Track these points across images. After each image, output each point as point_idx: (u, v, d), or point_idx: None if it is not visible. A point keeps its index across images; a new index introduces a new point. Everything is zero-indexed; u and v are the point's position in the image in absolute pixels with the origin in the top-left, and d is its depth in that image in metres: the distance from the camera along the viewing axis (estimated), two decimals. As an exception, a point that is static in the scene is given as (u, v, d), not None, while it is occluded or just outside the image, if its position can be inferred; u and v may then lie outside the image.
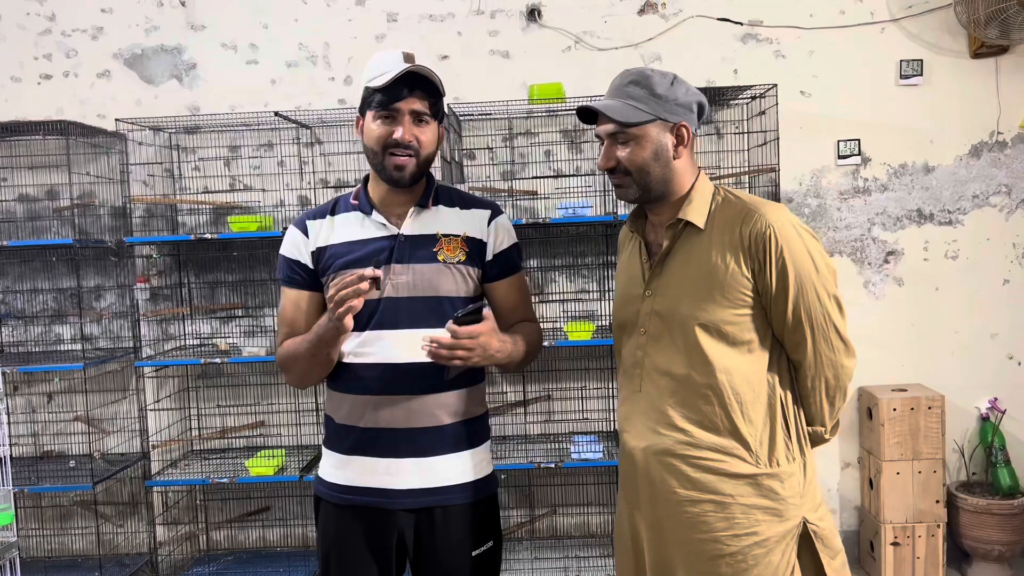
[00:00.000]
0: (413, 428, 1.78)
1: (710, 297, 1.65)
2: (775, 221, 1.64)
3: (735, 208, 1.69)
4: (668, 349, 1.71)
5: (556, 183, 3.78)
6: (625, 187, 1.72)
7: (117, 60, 3.86)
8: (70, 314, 3.84)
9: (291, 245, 1.88)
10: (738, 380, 1.67)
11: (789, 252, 1.63)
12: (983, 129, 3.73)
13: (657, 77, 1.69)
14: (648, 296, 1.75)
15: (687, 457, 1.68)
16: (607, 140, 1.71)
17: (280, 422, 3.86)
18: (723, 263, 1.65)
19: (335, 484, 1.85)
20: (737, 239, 1.65)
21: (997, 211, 3.76)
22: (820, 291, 1.66)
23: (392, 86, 1.72)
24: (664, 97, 1.68)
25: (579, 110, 1.75)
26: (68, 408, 3.88)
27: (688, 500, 1.67)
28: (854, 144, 3.75)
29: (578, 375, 3.82)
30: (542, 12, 3.77)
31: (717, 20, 3.74)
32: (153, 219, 3.84)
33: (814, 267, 1.66)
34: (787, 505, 1.67)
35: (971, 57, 3.71)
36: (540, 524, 3.86)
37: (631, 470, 1.78)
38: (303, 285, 1.86)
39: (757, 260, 1.64)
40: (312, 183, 3.82)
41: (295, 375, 1.87)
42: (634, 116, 1.66)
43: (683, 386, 1.69)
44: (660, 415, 1.71)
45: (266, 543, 3.93)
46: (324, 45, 3.83)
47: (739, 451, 1.67)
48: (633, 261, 1.82)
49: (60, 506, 3.91)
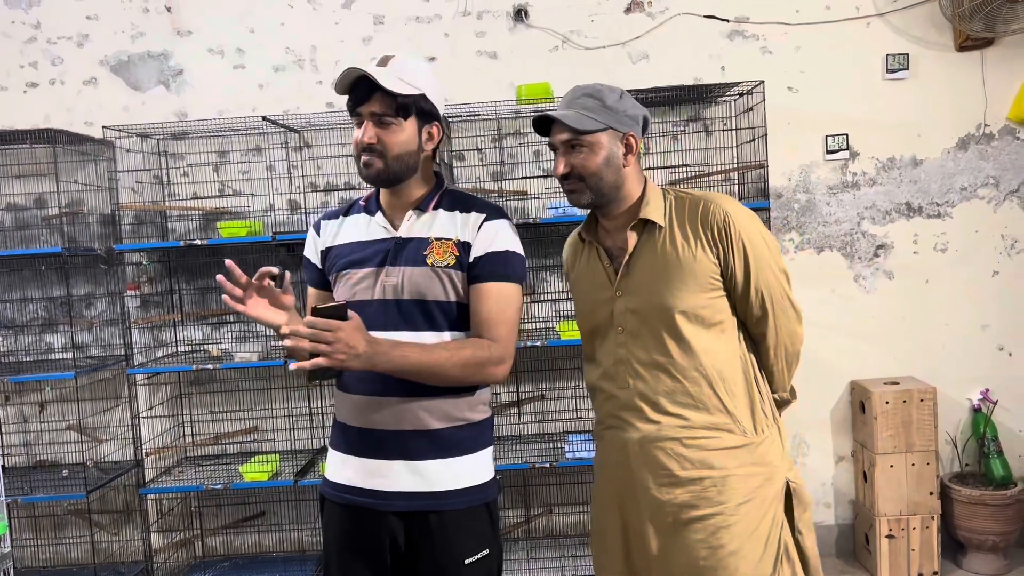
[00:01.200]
0: (402, 431, 1.78)
1: (683, 286, 1.78)
2: (731, 209, 1.80)
3: (690, 203, 1.84)
4: (650, 342, 1.82)
5: (546, 183, 3.78)
6: (578, 192, 1.83)
7: (103, 67, 3.85)
8: (61, 323, 3.83)
9: (308, 244, 1.97)
10: (719, 359, 1.81)
11: (747, 236, 1.79)
12: (970, 122, 3.75)
13: (607, 91, 1.83)
14: (619, 296, 1.85)
15: (683, 439, 1.80)
16: (561, 148, 1.83)
17: (274, 427, 3.85)
18: (691, 253, 1.79)
19: (336, 483, 1.87)
20: (699, 230, 1.80)
21: (985, 203, 3.77)
22: (773, 266, 1.83)
23: (353, 91, 1.77)
24: (614, 109, 1.81)
25: (535, 120, 1.86)
26: (60, 417, 3.86)
27: (689, 480, 1.79)
28: (842, 139, 3.76)
29: (571, 374, 3.82)
30: (529, 12, 3.78)
31: (704, 17, 3.75)
32: (142, 226, 3.83)
33: (766, 246, 1.82)
34: (774, 468, 1.83)
35: (957, 50, 3.72)
36: (536, 524, 3.87)
37: (623, 461, 1.86)
38: (316, 283, 1.94)
39: (720, 246, 1.79)
40: (301, 187, 3.81)
41: None
42: (588, 124, 1.79)
43: (670, 373, 1.81)
44: (652, 405, 1.82)
45: (262, 548, 3.92)
46: (311, 49, 3.82)
47: (729, 425, 1.81)
48: (594, 267, 1.92)
49: (54, 515, 3.89)
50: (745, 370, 1.85)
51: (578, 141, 1.80)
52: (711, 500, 1.78)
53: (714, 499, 1.78)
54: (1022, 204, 3.76)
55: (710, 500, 1.78)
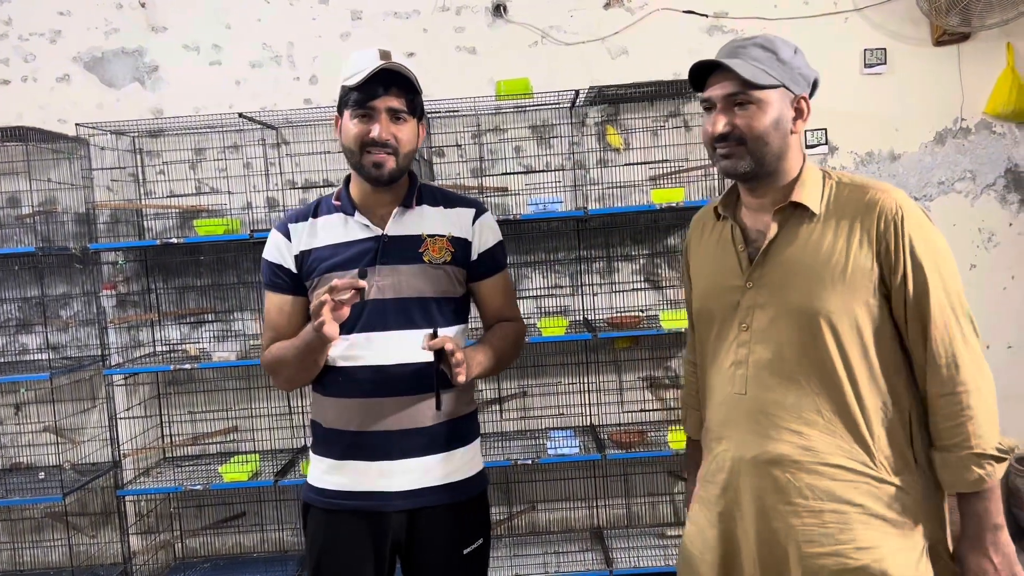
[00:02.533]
0: (405, 430, 1.77)
1: (832, 288, 1.50)
2: (904, 203, 1.51)
3: (853, 190, 1.56)
4: (781, 347, 1.55)
5: (526, 179, 3.77)
6: (736, 157, 1.55)
7: (77, 63, 3.80)
8: (35, 323, 3.77)
9: (274, 249, 1.85)
10: (862, 380, 1.52)
11: (923, 238, 1.50)
12: (947, 116, 3.77)
13: (780, 43, 1.56)
14: (750, 288, 1.59)
15: (805, 464, 1.52)
16: (721, 104, 1.56)
17: (254, 427, 3.82)
18: (847, 250, 1.51)
19: (326, 490, 1.83)
20: (861, 223, 1.52)
21: (962, 197, 3.80)
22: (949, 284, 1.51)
23: (368, 84, 1.70)
24: (789, 64, 1.55)
25: (693, 69, 1.59)
26: (36, 419, 3.81)
27: (808, 511, 1.52)
28: (821, 133, 3.77)
29: (553, 370, 3.82)
30: (508, 7, 3.76)
31: (683, 13, 3.75)
32: (118, 225, 3.78)
33: (947, 254, 1.53)
34: (914, 521, 1.52)
35: (933, 45, 3.74)
36: (520, 520, 3.86)
37: (731, 482, 1.61)
38: (286, 289, 1.85)
39: (887, 245, 1.50)
40: (280, 184, 3.78)
41: (283, 379, 1.86)
42: (761, 78, 1.52)
43: (800, 387, 1.53)
44: (771, 420, 1.55)
45: (243, 549, 3.89)
46: (288, 44, 3.78)
47: (862, 457, 1.51)
48: (725, 248, 1.66)
49: (31, 519, 3.84)
50: (896, 401, 1.53)
51: (746, 97, 1.52)
52: (831, 537, 1.50)
53: (835, 536, 1.50)
54: (999, 198, 3.80)
55: (831, 537, 1.50)
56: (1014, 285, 3.82)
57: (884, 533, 1.50)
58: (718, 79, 1.57)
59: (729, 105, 1.55)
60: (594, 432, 3.68)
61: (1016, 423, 3.82)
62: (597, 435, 3.63)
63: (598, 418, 3.81)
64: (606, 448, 3.44)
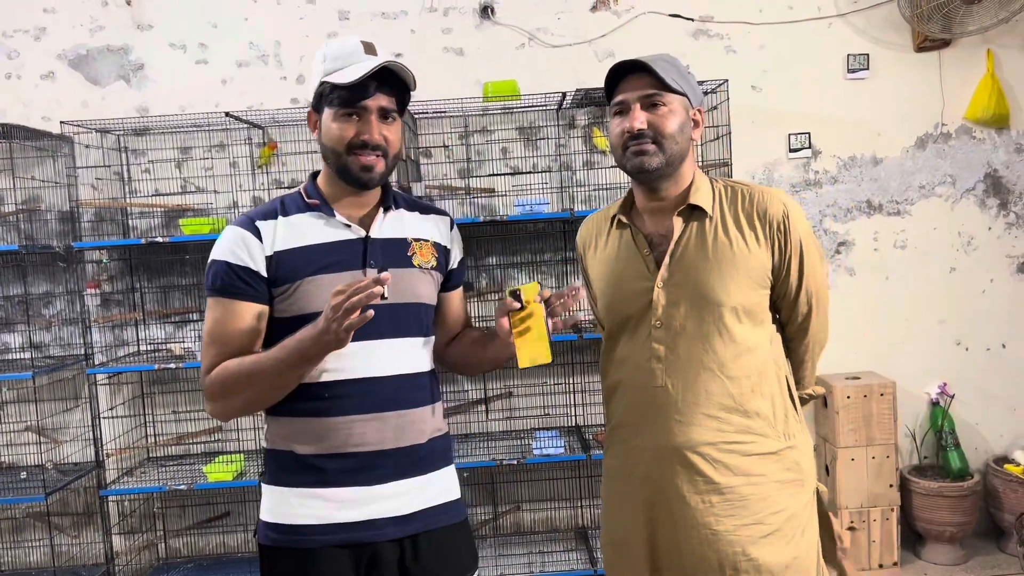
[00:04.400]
0: (400, 447, 1.63)
1: (736, 280, 1.67)
2: (788, 203, 1.71)
3: (743, 193, 1.73)
4: (692, 338, 1.68)
5: (513, 180, 3.78)
6: (649, 154, 1.67)
7: (61, 61, 3.77)
8: (18, 322, 3.74)
9: (237, 249, 1.61)
10: (759, 359, 1.70)
11: (804, 233, 1.71)
12: (928, 121, 3.82)
13: (679, 62, 1.74)
14: (661, 287, 1.71)
15: (720, 444, 1.67)
16: (637, 104, 1.67)
17: (238, 426, 3.81)
18: (745, 246, 1.68)
19: (301, 526, 1.60)
20: (756, 223, 1.69)
21: (943, 201, 3.85)
22: (818, 263, 1.75)
23: (360, 82, 1.57)
24: (688, 80, 1.72)
25: (612, 70, 1.70)
26: (18, 418, 3.78)
27: (728, 487, 1.67)
28: (804, 137, 3.81)
29: (538, 371, 3.83)
30: (495, 9, 3.77)
31: (669, 16, 3.78)
32: (103, 223, 3.76)
33: (815, 242, 1.74)
34: (805, 474, 1.73)
35: (915, 51, 3.79)
36: (504, 520, 3.87)
37: (652, 467, 1.72)
38: (251, 296, 1.60)
39: (778, 242, 1.69)
40: (266, 184, 3.77)
41: (239, 401, 1.60)
42: (673, 83, 1.67)
43: (712, 372, 1.68)
44: (687, 405, 1.68)
45: (227, 549, 3.88)
46: (275, 44, 3.78)
47: (765, 430, 1.69)
48: (629, 253, 1.77)
49: (12, 519, 3.81)
50: (778, 372, 1.74)
51: (660, 98, 1.66)
52: (750, 509, 1.66)
53: (752, 507, 1.66)
54: (978, 202, 3.85)
55: (749, 509, 1.66)
56: (993, 288, 3.87)
57: (790, 493, 1.70)
58: (639, 81, 1.68)
59: (646, 105, 1.67)
60: (579, 432, 3.70)
61: (995, 423, 3.89)
62: (582, 435, 3.65)
63: (583, 418, 3.82)
64: (591, 448, 3.46)
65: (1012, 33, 3.77)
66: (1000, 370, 3.88)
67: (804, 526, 1.72)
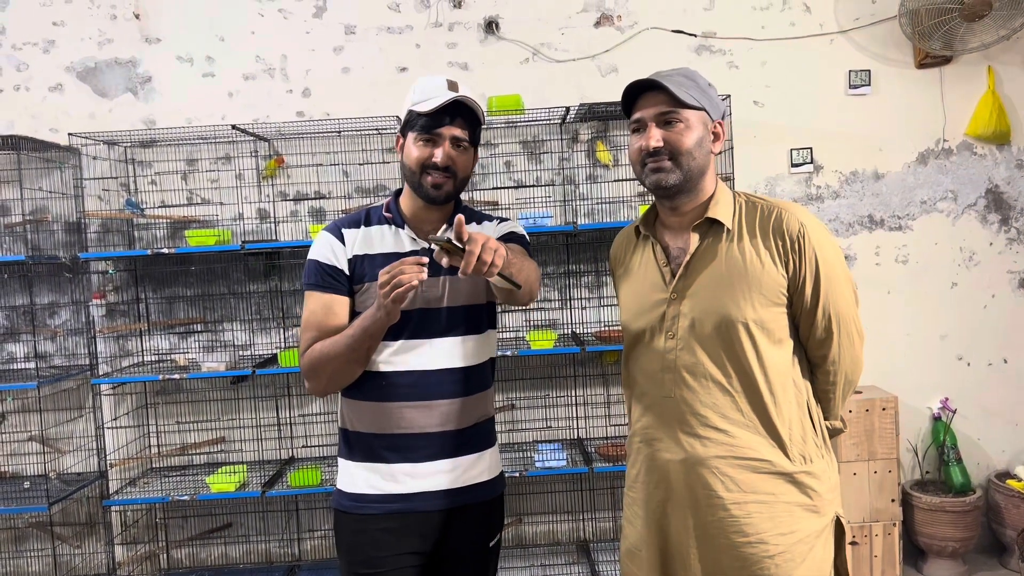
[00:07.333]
0: (445, 431, 1.87)
1: (748, 297, 1.66)
2: (806, 221, 1.69)
3: (762, 209, 1.73)
4: (704, 352, 1.69)
5: (517, 193, 3.80)
6: (666, 172, 1.69)
7: (70, 73, 3.81)
8: (23, 332, 3.77)
9: (327, 251, 1.91)
10: (775, 379, 1.68)
11: (821, 251, 1.68)
12: (929, 137, 3.84)
13: (697, 75, 1.74)
14: (675, 299, 1.73)
15: (730, 459, 1.67)
16: (652, 122, 1.70)
17: (241, 437, 3.82)
18: (759, 262, 1.67)
19: (361, 494, 1.89)
20: (771, 239, 1.68)
21: (944, 216, 3.87)
22: (845, 287, 1.71)
23: (436, 112, 1.82)
24: (707, 93, 1.73)
25: (628, 89, 1.72)
26: (22, 428, 3.79)
27: (734, 503, 1.66)
28: (806, 152, 3.83)
29: (541, 384, 3.84)
30: (500, 24, 3.81)
31: (672, 32, 3.81)
32: (109, 234, 3.78)
33: (840, 264, 1.71)
34: (823, 501, 1.71)
35: (916, 67, 3.82)
36: (506, 533, 3.87)
37: (664, 478, 1.74)
38: (339, 290, 1.90)
39: (792, 260, 1.67)
40: (271, 196, 3.80)
41: (325, 377, 1.87)
42: (688, 99, 1.68)
43: (722, 386, 1.68)
44: (698, 419, 1.69)
45: (229, 560, 3.88)
46: (282, 58, 3.81)
47: (778, 450, 1.68)
48: (648, 266, 1.80)
49: (15, 528, 3.82)
50: (798, 394, 1.71)
51: (675, 115, 1.68)
52: (756, 527, 1.65)
53: (759, 526, 1.65)
54: (979, 218, 3.87)
55: (755, 527, 1.65)
56: (994, 304, 3.88)
57: (802, 517, 1.68)
58: (653, 99, 1.70)
59: (661, 122, 1.69)
60: (581, 445, 3.71)
61: (997, 439, 3.89)
62: (584, 448, 3.65)
63: (586, 431, 3.83)
64: (593, 461, 3.47)
65: (1013, 50, 3.80)
66: (1002, 385, 3.89)
67: (813, 552, 1.69)
